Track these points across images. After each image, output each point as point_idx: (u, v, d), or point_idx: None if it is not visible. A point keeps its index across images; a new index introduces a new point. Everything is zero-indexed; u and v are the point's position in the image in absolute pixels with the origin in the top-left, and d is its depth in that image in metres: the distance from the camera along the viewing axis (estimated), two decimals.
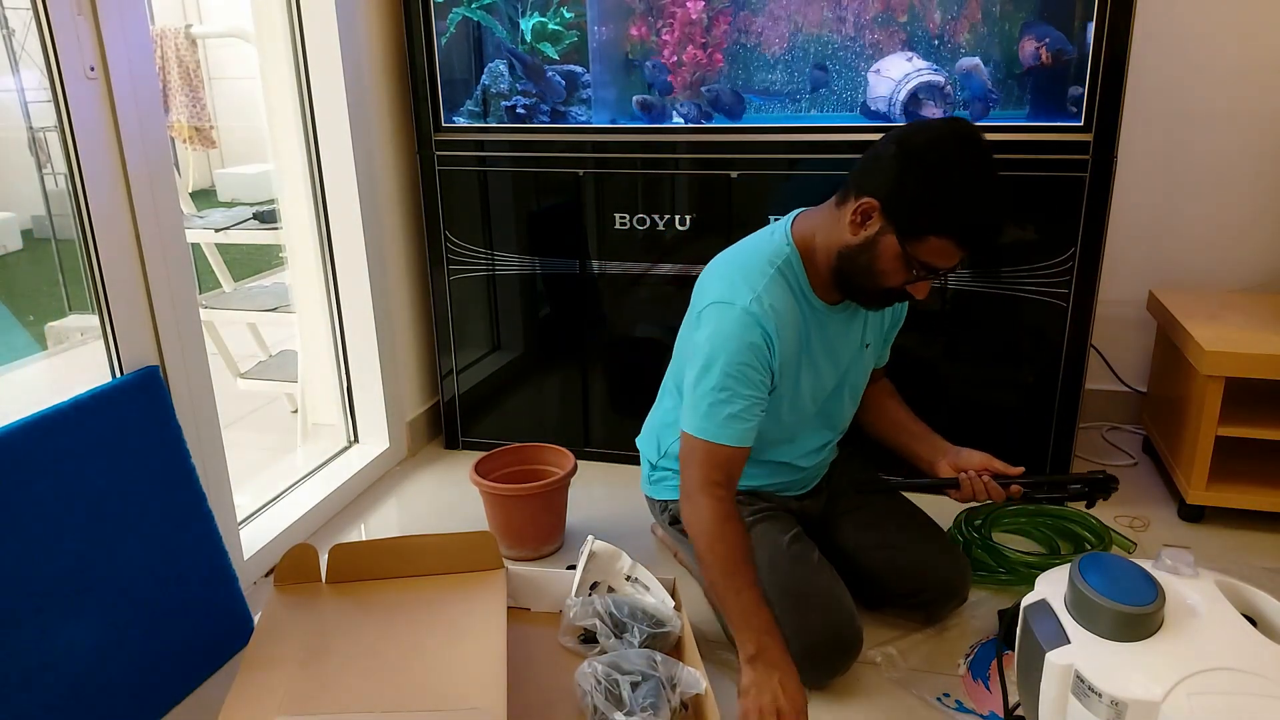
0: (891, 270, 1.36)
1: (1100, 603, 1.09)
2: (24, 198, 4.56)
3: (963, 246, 1.32)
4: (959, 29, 1.87)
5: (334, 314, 2.28)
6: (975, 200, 1.30)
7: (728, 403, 1.40)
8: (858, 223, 1.36)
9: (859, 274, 1.40)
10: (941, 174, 1.30)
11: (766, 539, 1.56)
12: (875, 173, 1.35)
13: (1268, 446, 2.02)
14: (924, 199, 1.30)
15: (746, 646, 1.35)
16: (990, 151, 1.31)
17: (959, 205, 1.30)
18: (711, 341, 1.41)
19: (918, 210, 1.31)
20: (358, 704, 1.27)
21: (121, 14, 1.44)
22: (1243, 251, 2.34)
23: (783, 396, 1.50)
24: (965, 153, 1.30)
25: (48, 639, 1.25)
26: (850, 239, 1.38)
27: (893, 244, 1.34)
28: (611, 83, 2.10)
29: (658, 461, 1.73)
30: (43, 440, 1.29)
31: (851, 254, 1.39)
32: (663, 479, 1.73)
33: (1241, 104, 2.24)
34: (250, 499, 2.02)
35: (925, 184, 1.30)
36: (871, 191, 1.34)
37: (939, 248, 1.32)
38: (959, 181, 1.29)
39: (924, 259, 1.33)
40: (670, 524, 1.70)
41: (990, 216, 1.33)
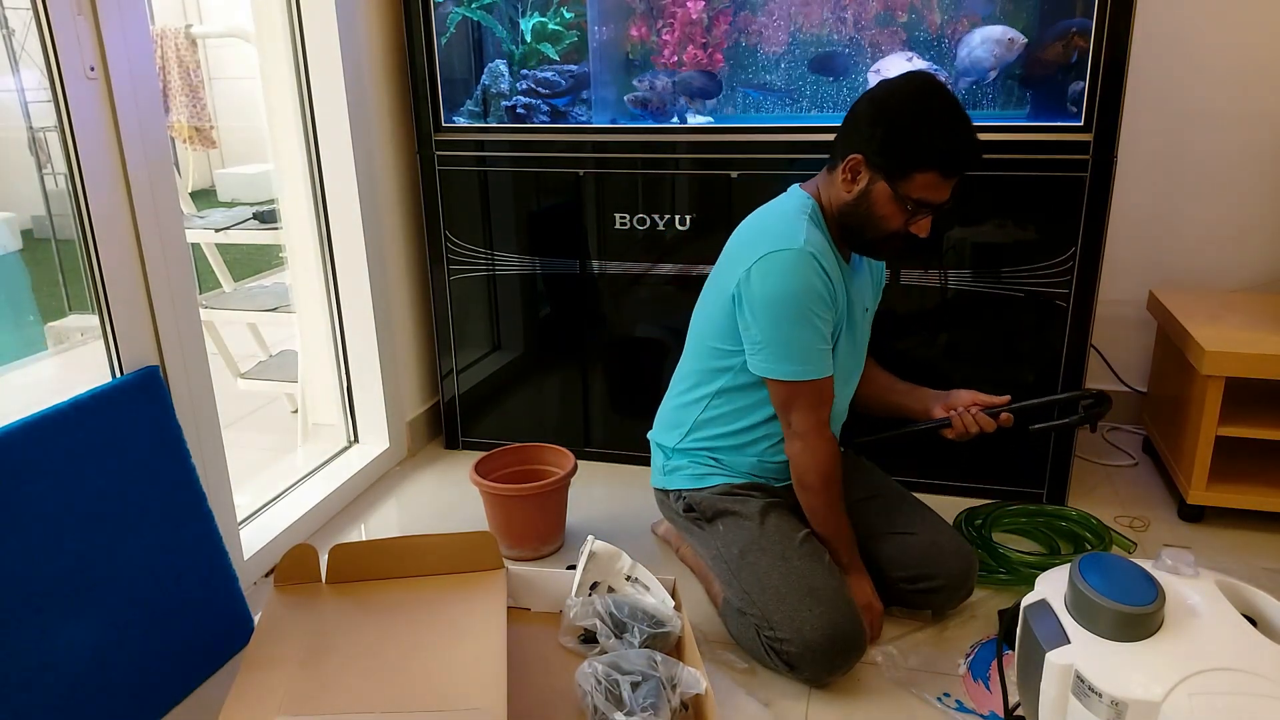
0: (890, 214, 1.48)
1: (1100, 603, 1.09)
2: (24, 198, 4.56)
3: (946, 174, 1.44)
4: (959, 29, 1.87)
5: (334, 314, 2.28)
6: (945, 130, 1.43)
7: (812, 338, 1.51)
8: (849, 179, 1.50)
9: (863, 225, 1.51)
10: (911, 115, 1.43)
11: (779, 533, 1.57)
12: (854, 132, 1.49)
13: (1268, 446, 2.02)
14: (900, 141, 1.43)
15: (841, 556, 1.59)
16: (949, 92, 1.46)
17: (932, 138, 1.42)
18: (780, 285, 1.49)
19: (897, 152, 1.44)
20: (358, 704, 1.27)
21: (121, 14, 1.44)
22: (1243, 251, 2.34)
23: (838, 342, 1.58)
24: (927, 94, 1.45)
25: (48, 639, 1.25)
26: (846, 196, 1.51)
27: (884, 189, 1.46)
28: (611, 83, 2.10)
29: (678, 444, 1.72)
30: (43, 440, 1.29)
31: (851, 208, 1.51)
32: (678, 468, 1.72)
33: (1241, 104, 2.24)
34: (250, 499, 2.02)
35: (899, 128, 1.43)
36: (855, 148, 1.47)
37: (926, 181, 1.44)
38: (927, 118, 1.43)
39: (916, 195, 1.45)
40: (684, 512, 1.70)
41: (962, 140, 1.44)
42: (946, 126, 1.42)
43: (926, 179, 1.43)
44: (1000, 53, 1.82)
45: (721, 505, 1.64)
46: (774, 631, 1.49)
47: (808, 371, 1.52)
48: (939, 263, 2.00)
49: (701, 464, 1.69)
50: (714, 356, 1.63)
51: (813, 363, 1.52)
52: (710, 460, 1.68)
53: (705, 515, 1.66)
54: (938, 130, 1.42)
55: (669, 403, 1.78)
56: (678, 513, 1.73)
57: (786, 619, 1.47)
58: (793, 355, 1.51)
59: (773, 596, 1.50)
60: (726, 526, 1.62)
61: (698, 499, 1.67)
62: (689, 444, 1.71)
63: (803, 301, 1.48)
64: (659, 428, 1.80)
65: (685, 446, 1.72)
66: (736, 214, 2.06)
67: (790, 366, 1.52)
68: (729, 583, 1.59)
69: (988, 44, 1.82)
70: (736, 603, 1.57)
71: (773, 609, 1.49)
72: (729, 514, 1.63)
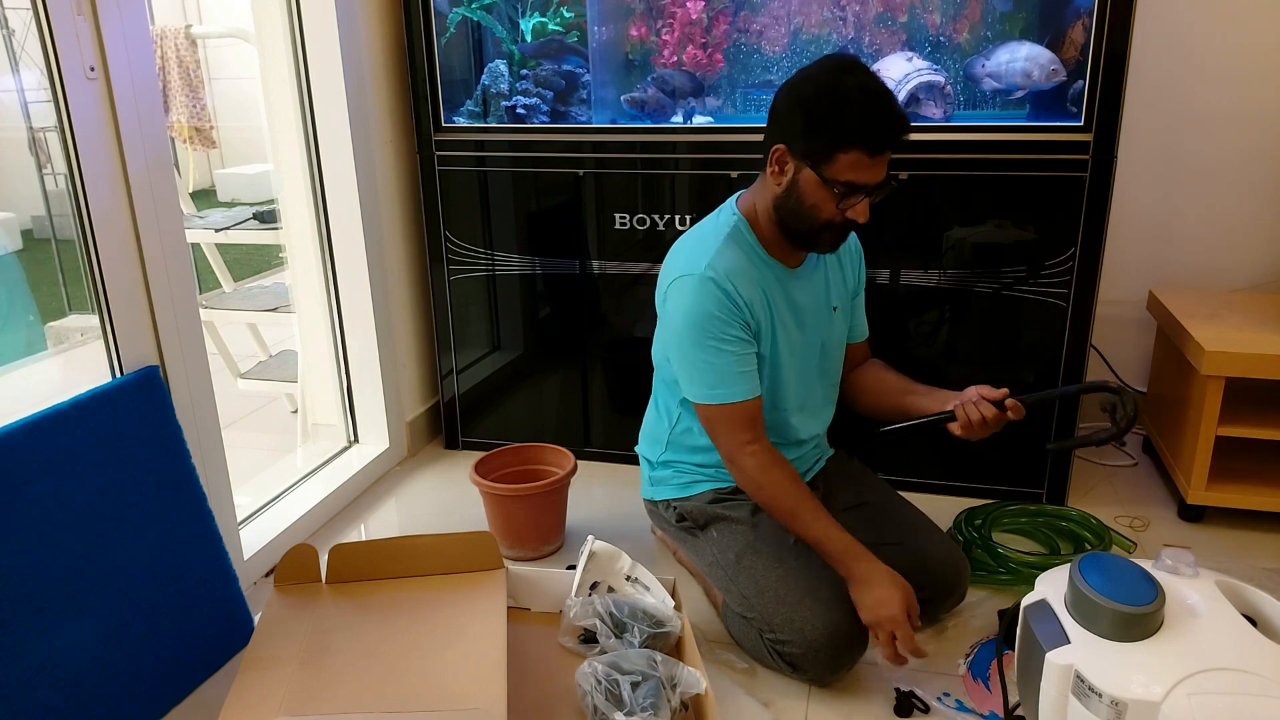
0: (820, 200, 1.44)
1: (1100, 603, 1.09)
2: (24, 198, 4.56)
3: (870, 152, 1.39)
4: (959, 29, 1.87)
5: (334, 314, 2.28)
6: (862, 106, 1.38)
7: (722, 361, 1.49)
8: (776, 171, 1.47)
9: (796, 216, 1.48)
10: (825, 96, 1.40)
11: (773, 536, 1.57)
12: (775, 122, 1.47)
13: (1268, 446, 2.02)
14: (817, 123, 1.40)
15: (839, 567, 1.47)
16: (866, 69, 1.42)
17: (849, 115, 1.38)
18: (683, 311, 1.50)
19: (815, 135, 1.41)
20: (358, 704, 1.27)
21: (121, 14, 1.44)
22: (1243, 251, 2.34)
23: (765, 357, 1.56)
24: (841, 73, 1.41)
25: (48, 639, 1.25)
26: (777, 189, 1.48)
27: (810, 176, 1.43)
28: (611, 83, 2.10)
29: (659, 458, 1.73)
30: (43, 440, 1.29)
31: (782, 201, 1.48)
32: (663, 479, 1.73)
33: (1241, 104, 2.24)
34: (250, 499, 2.02)
35: (814, 110, 1.40)
36: (777, 139, 1.46)
37: (851, 161, 1.39)
38: (842, 96, 1.39)
39: (843, 178, 1.41)
40: (676, 522, 1.70)
41: (881, 115, 1.39)
42: (863, 102, 1.38)
43: (850, 159, 1.39)
44: (1038, 76, 1.80)
45: (713, 512, 1.63)
46: (775, 633, 1.49)
47: (721, 395, 1.50)
48: (939, 261, 1.99)
49: (685, 473, 1.69)
50: (666, 371, 1.65)
51: (726, 386, 1.49)
52: (693, 468, 1.69)
53: (698, 523, 1.66)
54: (854, 107, 1.38)
55: (648, 415, 1.79)
56: (670, 523, 1.73)
57: (787, 620, 1.47)
58: (705, 379, 1.50)
59: (772, 599, 1.50)
60: (720, 533, 1.62)
61: (688, 508, 1.67)
62: (669, 456, 1.71)
63: (703, 327, 1.47)
64: (643, 440, 1.80)
65: (666, 459, 1.72)
66: None
67: (705, 390, 1.51)
68: (727, 588, 1.59)
69: (1030, 63, 1.80)
70: (736, 608, 1.57)
71: (773, 611, 1.49)
72: (721, 520, 1.62)
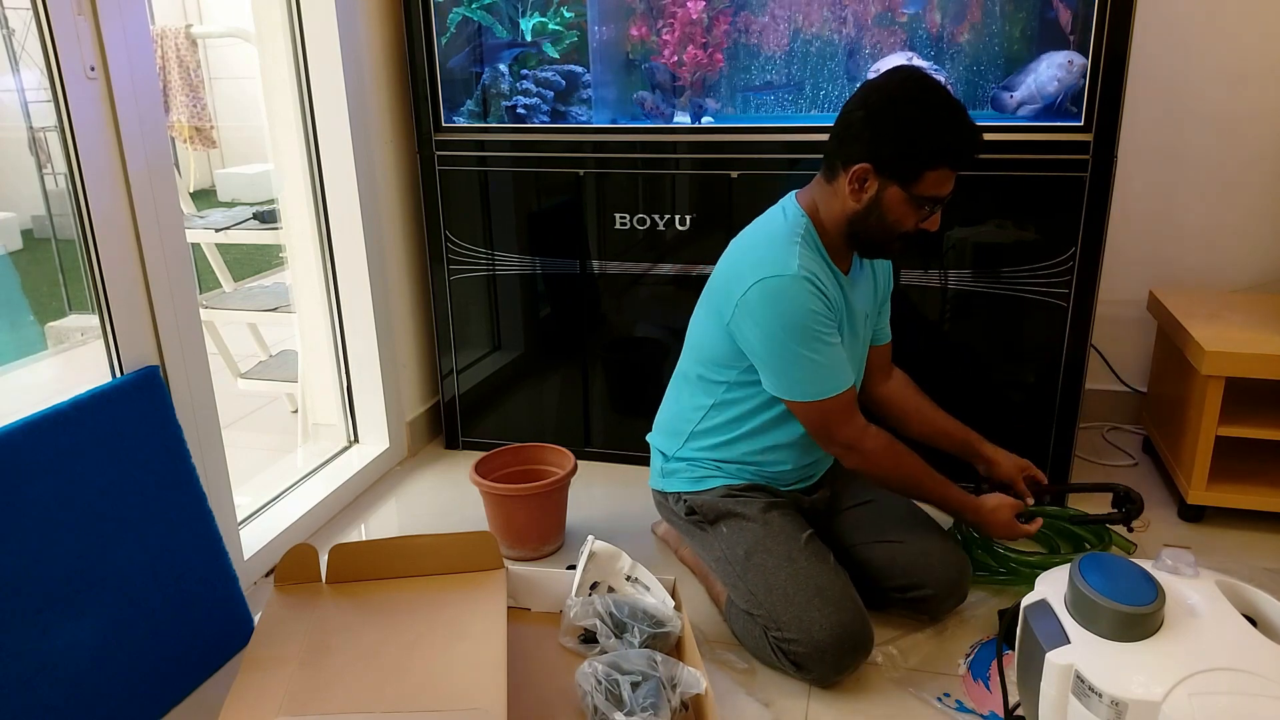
0: (904, 215, 1.47)
1: (1100, 603, 1.09)
2: (24, 198, 4.56)
3: (956, 167, 1.44)
4: (959, 29, 1.87)
5: (334, 314, 2.28)
6: (947, 124, 1.42)
7: (827, 357, 1.50)
8: (857, 189, 1.47)
9: (876, 231, 1.50)
10: (910, 116, 1.42)
11: (784, 534, 1.57)
12: (853, 140, 1.46)
13: (1268, 446, 2.02)
14: (906, 144, 1.42)
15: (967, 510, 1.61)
16: (938, 82, 1.46)
17: (937, 134, 1.42)
18: (781, 313, 1.48)
19: (905, 156, 1.43)
20: (358, 704, 1.27)
21: (121, 14, 1.44)
22: (1243, 251, 2.34)
23: None
24: (921, 90, 1.43)
25: (48, 639, 1.25)
26: (855, 206, 1.49)
27: (897, 193, 1.45)
28: (612, 82, 2.10)
29: (675, 452, 1.73)
30: (43, 440, 1.29)
31: (862, 217, 1.49)
32: (676, 470, 1.72)
33: (1241, 104, 2.24)
34: (250, 499, 2.02)
35: (901, 131, 1.42)
36: (859, 158, 1.45)
37: (936, 179, 1.44)
38: (926, 115, 1.42)
39: (928, 194, 1.45)
40: (686, 515, 1.70)
41: (966, 131, 1.43)
42: (949, 121, 1.42)
43: (938, 175, 1.43)
44: (1064, 76, 1.81)
45: (724, 507, 1.63)
46: (781, 632, 1.49)
47: (831, 389, 1.51)
48: (939, 261, 2.00)
49: (701, 467, 1.69)
50: (709, 373, 1.64)
51: (834, 379, 1.51)
52: (710, 463, 1.68)
53: (707, 518, 1.66)
54: (942, 127, 1.41)
55: (666, 408, 1.78)
56: (679, 515, 1.72)
57: (794, 619, 1.47)
58: (816, 377, 1.50)
59: (779, 597, 1.50)
60: (730, 528, 1.62)
61: (699, 501, 1.67)
62: (687, 452, 1.71)
63: (808, 326, 1.47)
64: (658, 432, 1.80)
65: (684, 455, 1.72)
66: (736, 214, 2.07)
67: (816, 388, 1.51)
68: (734, 585, 1.59)
69: (1051, 69, 1.80)
70: (742, 604, 1.57)
71: (780, 610, 1.49)
72: (732, 516, 1.62)
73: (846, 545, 1.65)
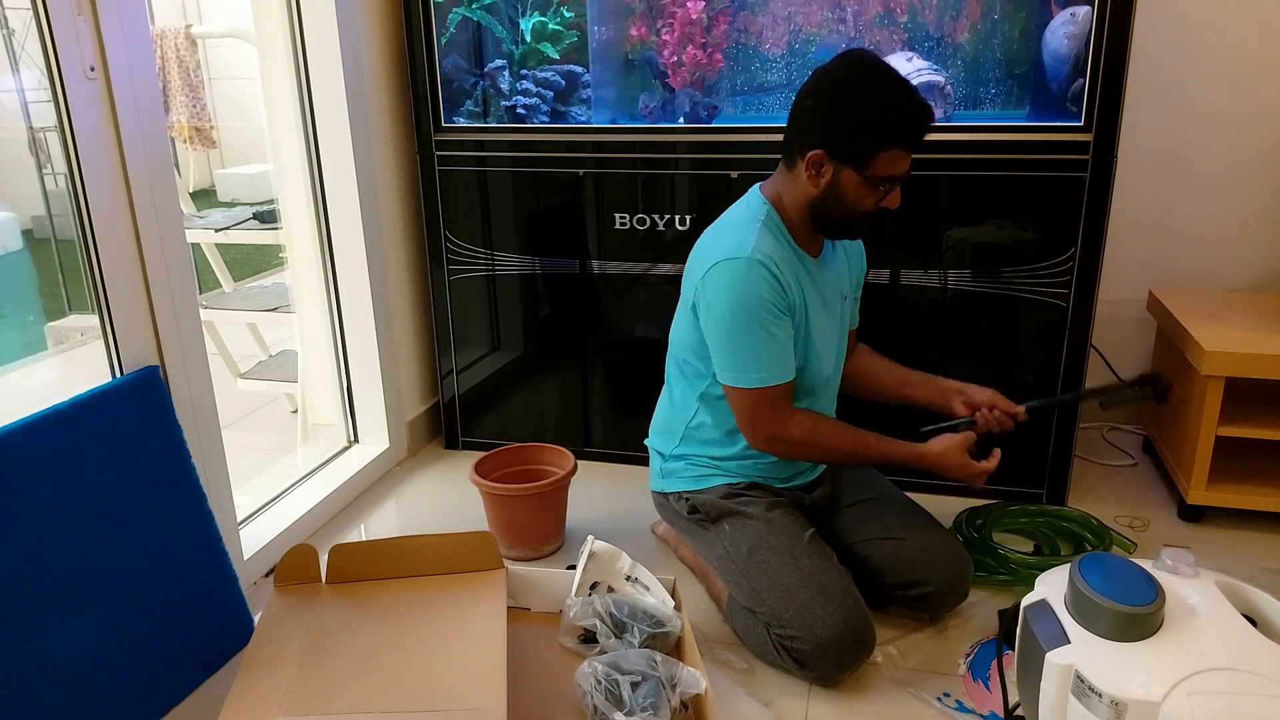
0: (862, 197, 1.50)
1: (1100, 603, 1.09)
2: (24, 198, 4.56)
3: (907, 146, 1.46)
4: (959, 29, 1.87)
5: (334, 314, 2.28)
6: (895, 105, 1.44)
7: (768, 344, 1.51)
8: (814, 175, 1.50)
9: (836, 213, 1.53)
10: (859, 100, 1.44)
11: (786, 532, 1.57)
12: (806, 128, 1.50)
13: (1268, 446, 2.02)
14: (857, 127, 1.45)
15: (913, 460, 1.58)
16: (887, 64, 1.48)
17: (885, 116, 1.44)
18: (730, 295, 1.51)
19: (856, 139, 1.45)
20: (358, 704, 1.27)
21: (121, 14, 1.44)
22: (1243, 251, 2.34)
23: (799, 343, 1.58)
24: (868, 74, 1.46)
25: (48, 639, 1.25)
26: (814, 191, 1.52)
27: (852, 176, 1.48)
28: (611, 82, 2.10)
29: (672, 451, 1.73)
30: (43, 440, 1.29)
31: (821, 201, 1.52)
32: (675, 471, 1.73)
33: (1241, 104, 2.24)
34: (250, 499, 2.02)
35: (850, 116, 1.45)
36: (813, 144, 1.48)
37: (889, 159, 1.46)
38: (874, 98, 1.44)
39: (883, 174, 1.47)
40: (688, 514, 1.70)
41: (914, 111, 1.44)
42: (898, 102, 1.43)
43: (890, 156, 1.45)
44: (1073, 30, 1.78)
45: (726, 506, 1.64)
46: (785, 629, 1.49)
47: (763, 379, 1.53)
48: (939, 261, 2.00)
49: (699, 465, 1.69)
50: (689, 365, 1.65)
51: (769, 369, 1.53)
52: (707, 461, 1.69)
53: (710, 516, 1.66)
54: (891, 108, 1.43)
55: (660, 408, 1.79)
56: (681, 515, 1.73)
57: (798, 617, 1.47)
58: (750, 363, 1.53)
59: (783, 595, 1.50)
60: (733, 526, 1.62)
61: (701, 500, 1.67)
62: (683, 450, 1.71)
63: (753, 309, 1.49)
64: (654, 433, 1.80)
65: (680, 453, 1.72)
66: None
67: (748, 374, 1.53)
68: (737, 582, 1.59)
69: (1057, 32, 1.78)
70: (745, 602, 1.57)
71: (783, 607, 1.49)
72: (735, 514, 1.63)
73: (847, 542, 1.65)
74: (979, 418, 1.61)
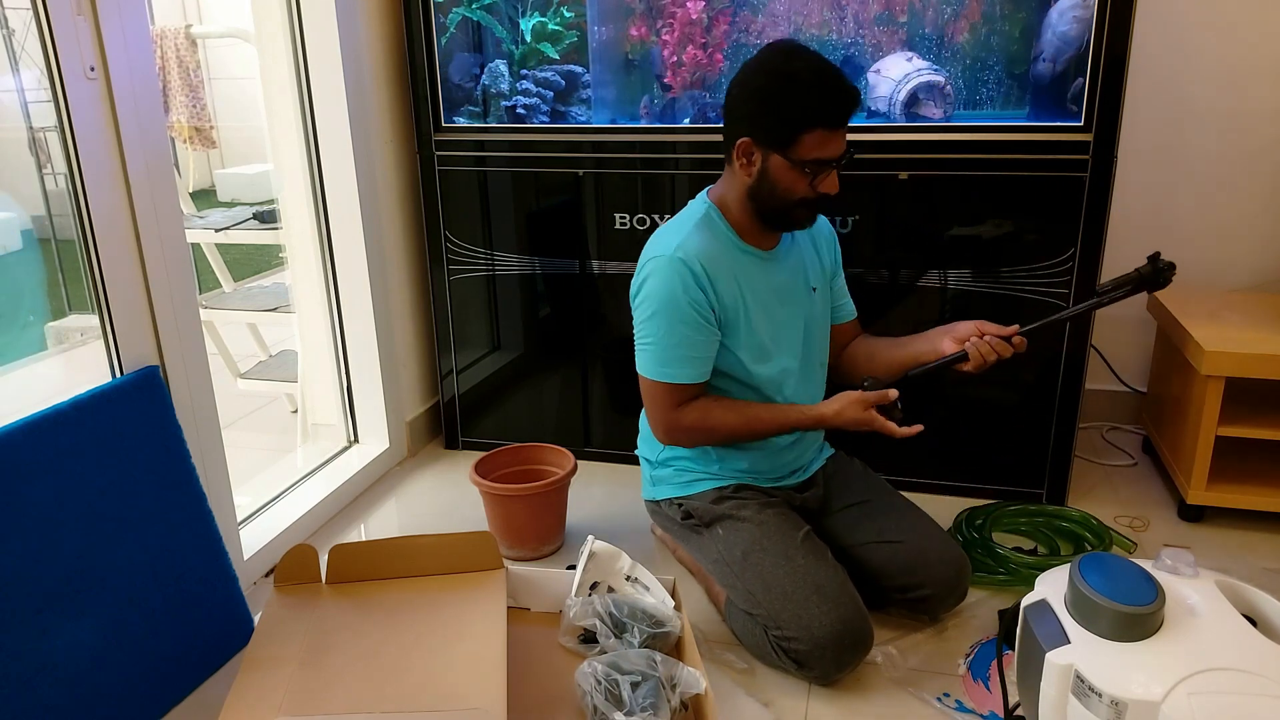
0: (793, 182, 1.50)
1: (1100, 603, 1.09)
2: (24, 197, 4.56)
3: (830, 127, 1.46)
4: (959, 29, 1.87)
5: (334, 314, 2.28)
6: (812, 86, 1.44)
7: (677, 340, 1.54)
8: (746, 164, 1.52)
9: (772, 201, 1.53)
10: (775, 83, 1.46)
11: (780, 533, 1.57)
12: (733, 118, 1.52)
13: (1268, 446, 2.02)
14: (775, 111, 1.46)
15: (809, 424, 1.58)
16: (807, 49, 1.48)
17: (803, 97, 1.44)
18: (650, 290, 1.55)
19: (778, 122, 1.46)
20: (358, 704, 1.27)
21: (121, 14, 1.44)
22: (1243, 251, 2.34)
23: (739, 330, 1.59)
24: (785, 58, 1.47)
25: (48, 639, 1.25)
26: (748, 180, 1.54)
27: (779, 161, 1.49)
28: (611, 82, 2.10)
29: (658, 457, 1.74)
30: (43, 440, 1.29)
31: (755, 189, 1.54)
32: (665, 478, 1.73)
33: (1241, 104, 2.24)
34: (250, 499, 2.02)
35: (770, 100, 1.46)
36: (740, 133, 1.50)
37: (814, 141, 1.46)
38: (791, 81, 1.44)
39: (810, 156, 1.47)
40: (682, 520, 1.70)
41: (831, 90, 1.44)
42: (813, 83, 1.43)
43: (813, 138, 1.45)
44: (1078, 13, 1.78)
45: (719, 510, 1.64)
46: (782, 630, 1.49)
47: (669, 375, 1.56)
48: (939, 261, 1.99)
49: (686, 471, 1.70)
50: None
51: (676, 366, 1.55)
52: (693, 465, 1.69)
53: (703, 521, 1.66)
54: (808, 89, 1.43)
55: (644, 417, 1.78)
56: (675, 521, 1.73)
57: (794, 618, 1.47)
58: (659, 356, 1.56)
59: (778, 596, 1.50)
60: (726, 530, 1.62)
61: (694, 505, 1.67)
62: (668, 454, 1.72)
63: (668, 304, 1.52)
64: (642, 441, 1.81)
65: (665, 458, 1.73)
66: None
67: (656, 367, 1.57)
68: (732, 585, 1.59)
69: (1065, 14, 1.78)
70: (742, 605, 1.57)
71: (779, 608, 1.49)
72: (727, 518, 1.62)
73: (842, 546, 1.64)
74: (969, 348, 1.54)
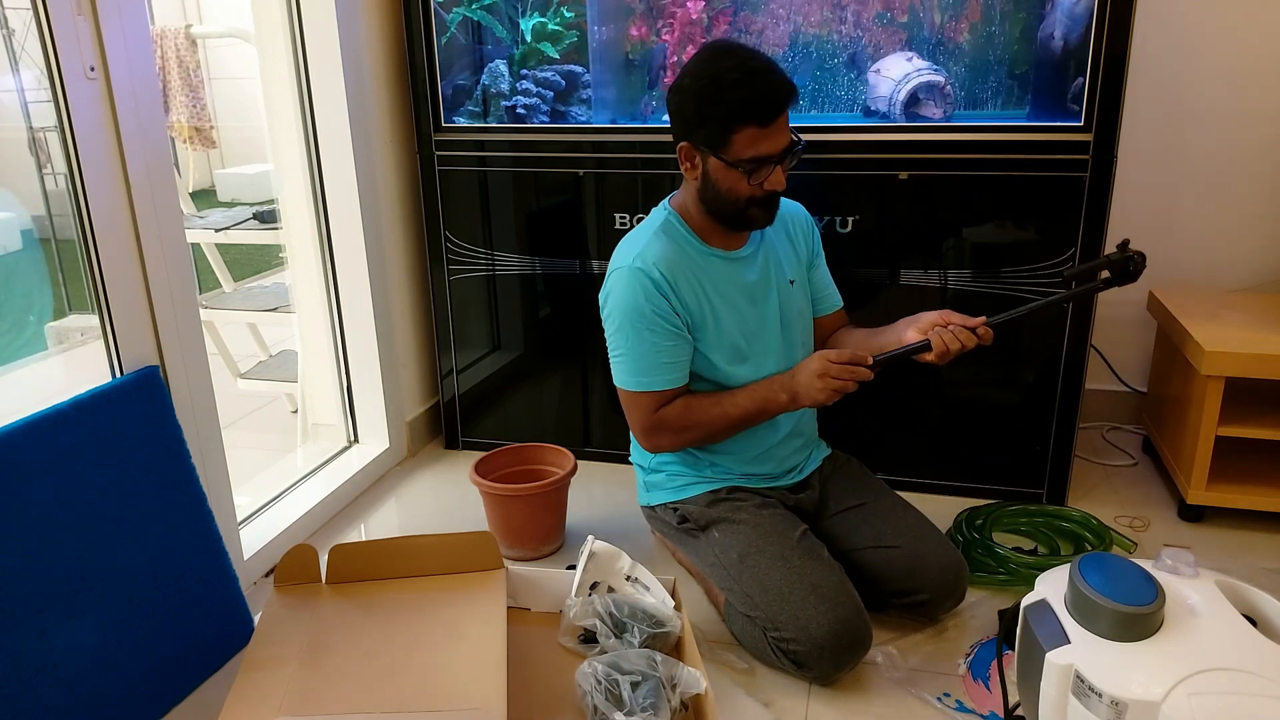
0: (734, 182, 1.50)
1: (1100, 603, 1.09)
2: (24, 197, 4.56)
3: (758, 123, 1.44)
4: (959, 29, 1.87)
5: (334, 314, 2.28)
6: (736, 83, 1.43)
7: (647, 352, 1.56)
8: (689, 167, 1.54)
9: (720, 203, 1.54)
10: (703, 85, 1.45)
11: (776, 534, 1.57)
12: (673, 124, 1.54)
13: (1268, 446, 2.02)
14: (702, 111, 1.46)
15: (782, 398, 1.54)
16: (739, 46, 1.49)
17: (727, 96, 1.43)
18: (614, 302, 1.57)
19: (705, 123, 1.46)
20: (358, 704, 1.27)
21: (121, 14, 1.44)
22: (1243, 251, 2.34)
23: (709, 333, 1.59)
24: (711, 58, 1.47)
25: (48, 639, 1.25)
26: (695, 183, 1.55)
27: (716, 163, 1.49)
28: (611, 82, 2.10)
29: (651, 463, 1.74)
30: (43, 440, 1.29)
31: (702, 192, 1.55)
32: (658, 484, 1.74)
33: (1241, 104, 2.24)
34: (250, 499, 2.02)
35: (697, 101, 1.46)
36: (680, 137, 1.52)
37: (745, 139, 1.45)
38: (716, 80, 1.44)
39: (745, 155, 1.46)
40: (678, 524, 1.70)
41: (758, 86, 1.43)
42: (739, 81, 1.42)
43: (744, 136, 1.44)
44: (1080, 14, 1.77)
45: (714, 513, 1.64)
46: (780, 632, 1.49)
47: (645, 383, 1.57)
48: (939, 261, 1.99)
49: (679, 475, 1.70)
50: None
51: (650, 374, 1.57)
52: (686, 469, 1.70)
53: (699, 524, 1.66)
54: (731, 88, 1.43)
55: None
56: (671, 525, 1.73)
57: (792, 619, 1.47)
58: (633, 366, 1.57)
59: (776, 598, 1.50)
60: (722, 533, 1.62)
61: (689, 509, 1.67)
62: (661, 460, 1.73)
63: (633, 315, 1.54)
64: (634, 449, 1.80)
65: (658, 464, 1.73)
66: None
67: (631, 378, 1.58)
68: (730, 588, 1.59)
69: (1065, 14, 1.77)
70: (740, 607, 1.57)
71: (777, 610, 1.49)
72: (723, 520, 1.62)
73: (839, 550, 1.64)
74: (932, 337, 1.48)
